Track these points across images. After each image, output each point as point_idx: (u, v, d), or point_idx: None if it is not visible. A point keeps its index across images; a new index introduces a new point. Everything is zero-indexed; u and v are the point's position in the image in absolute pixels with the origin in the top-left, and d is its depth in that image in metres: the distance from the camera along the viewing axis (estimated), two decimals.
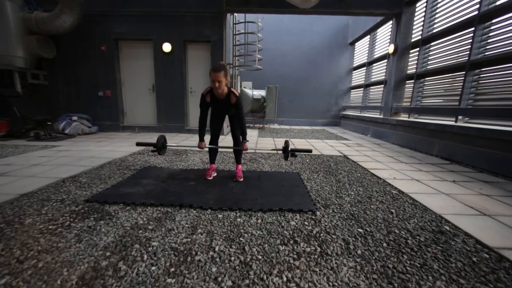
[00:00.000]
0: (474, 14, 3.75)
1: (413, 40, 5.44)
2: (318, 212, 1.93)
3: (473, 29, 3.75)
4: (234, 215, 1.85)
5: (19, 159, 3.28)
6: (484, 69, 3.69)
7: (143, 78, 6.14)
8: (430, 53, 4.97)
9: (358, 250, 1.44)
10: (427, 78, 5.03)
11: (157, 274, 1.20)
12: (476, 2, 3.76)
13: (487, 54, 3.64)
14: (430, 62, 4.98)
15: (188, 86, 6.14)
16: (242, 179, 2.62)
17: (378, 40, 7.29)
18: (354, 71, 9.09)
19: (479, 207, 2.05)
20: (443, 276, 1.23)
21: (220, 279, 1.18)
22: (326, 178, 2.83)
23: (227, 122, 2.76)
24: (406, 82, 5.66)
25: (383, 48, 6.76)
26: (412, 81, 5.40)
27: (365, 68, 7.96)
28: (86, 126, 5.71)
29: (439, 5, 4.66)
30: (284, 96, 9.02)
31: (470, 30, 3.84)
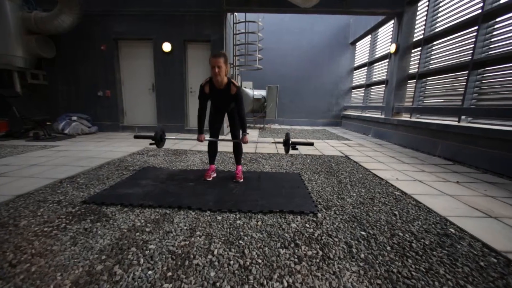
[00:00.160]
0: (477, 12, 3.70)
1: (415, 39, 5.39)
2: (319, 214, 1.89)
3: (476, 27, 3.70)
4: (234, 217, 1.81)
5: (17, 160, 3.24)
6: (487, 68, 3.63)
7: (143, 78, 6.11)
8: (432, 52, 4.91)
9: (361, 253, 1.39)
10: (429, 78, 4.97)
11: (153, 278, 1.16)
12: (479, 0, 3.70)
13: (491, 53, 3.58)
14: (432, 62, 4.92)
15: (188, 86, 6.10)
16: (242, 180, 2.58)
17: (379, 39, 7.24)
18: (355, 71, 9.03)
19: (485, 209, 2.00)
20: (450, 281, 1.19)
21: (218, 284, 1.14)
22: (327, 179, 2.78)
23: (227, 122, 2.71)
24: (408, 82, 5.61)
25: (385, 47, 6.71)
26: (414, 80, 5.35)
27: (366, 68, 7.90)
28: (85, 126, 5.68)
29: (442, 3, 4.61)
30: (284, 96, 8.98)
31: (473, 29, 3.79)
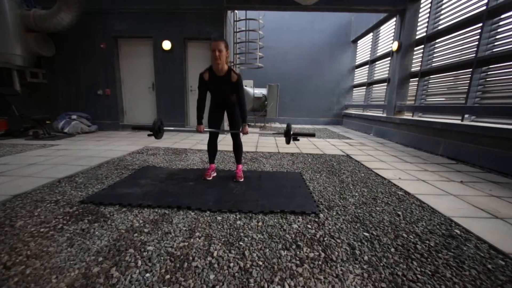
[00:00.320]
0: (482, 9, 3.64)
1: (417, 37, 5.32)
2: (321, 214, 1.85)
3: (480, 24, 3.64)
4: (234, 218, 1.77)
5: (16, 159, 3.22)
6: (492, 66, 3.58)
7: (143, 77, 6.07)
8: (435, 50, 4.85)
9: (365, 255, 1.36)
10: (432, 76, 4.91)
11: (151, 281, 1.13)
12: None
13: (495, 50, 3.52)
14: (435, 60, 4.86)
15: (188, 84, 6.07)
16: (242, 179, 2.54)
17: (381, 37, 7.16)
18: (356, 69, 8.96)
19: (490, 210, 1.96)
20: (457, 285, 1.15)
21: None
22: (329, 178, 2.74)
23: (226, 121, 2.67)
24: (410, 80, 5.55)
25: (387, 45, 6.64)
26: (416, 79, 5.29)
27: (367, 66, 7.84)
28: (85, 125, 5.65)
29: (445, 0, 4.54)
30: (285, 94, 8.92)
31: (477, 26, 3.72)
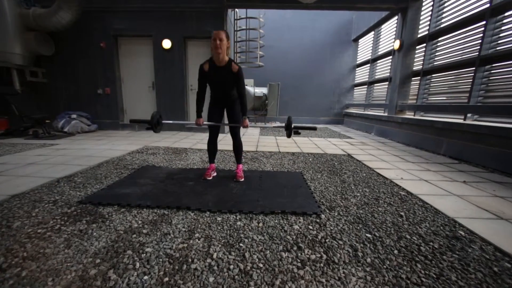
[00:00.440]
0: (485, 7, 3.59)
1: (419, 35, 5.27)
2: (323, 215, 1.82)
3: (484, 22, 3.59)
4: (234, 218, 1.75)
5: (15, 158, 3.20)
6: (495, 64, 3.53)
7: (143, 76, 6.05)
8: (438, 48, 4.80)
9: (368, 258, 1.33)
10: (434, 75, 4.87)
11: (149, 284, 1.10)
12: None
13: (499, 49, 3.48)
14: (437, 58, 4.81)
15: (188, 83, 6.03)
16: (242, 179, 2.52)
17: (382, 36, 7.11)
18: (357, 68, 8.90)
19: (495, 210, 1.93)
20: None
21: None
22: (330, 178, 2.71)
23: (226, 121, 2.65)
24: (412, 79, 5.50)
25: (388, 44, 6.59)
26: (418, 78, 5.24)
27: (369, 65, 7.79)
28: (85, 124, 5.63)
29: None
30: (286, 93, 8.88)
31: (481, 24, 3.68)
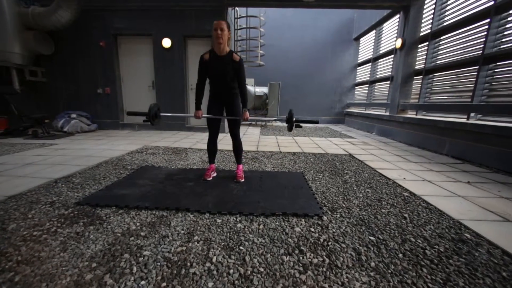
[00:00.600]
0: (489, 4, 3.53)
1: (421, 34, 5.21)
2: (325, 216, 1.78)
3: (488, 20, 3.54)
4: (234, 220, 1.71)
5: (13, 158, 3.17)
6: (499, 63, 3.48)
7: (143, 75, 6.01)
8: (440, 47, 4.74)
9: (371, 262, 1.29)
10: (436, 74, 4.81)
11: None
12: None
13: (503, 47, 3.42)
14: (439, 57, 4.76)
15: (188, 83, 6.00)
16: (243, 180, 2.48)
17: (384, 34, 7.05)
18: (358, 67, 8.84)
19: (501, 212, 1.88)
20: None
21: None
22: (332, 178, 2.68)
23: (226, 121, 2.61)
24: (414, 78, 5.45)
25: (390, 43, 6.53)
26: (420, 77, 5.19)
27: (370, 64, 7.73)
28: (85, 124, 5.61)
29: None
30: (286, 93, 8.83)
31: (485, 22, 3.62)
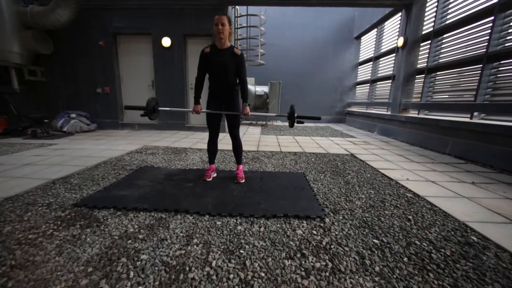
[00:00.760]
0: (494, 1, 3.47)
1: (424, 32, 5.16)
2: (327, 218, 1.74)
3: (492, 18, 3.48)
4: (234, 222, 1.68)
5: (12, 158, 3.14)
6: (503, 61, 3.42)
7: (143, 74, 5.97)
8: (443, 45, 4.69)
9: (376, 266, 1.25)
10: (439, 73, 4.76)
11: None
12: None
13: (508, 45, 3.37)
14: (442, 56, 4.70)
15: (188, 82, 5.95)
16: (243, 181, 2.44)
17: (385, 33, 6.98)
18: (360, 66, 8.78)
19: (507, 214, 1.84)
20: None
21: None
22: (333, 179, 2.63)
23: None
24: (416, 77, 5.39)
25: (391, 41, 6.48)
26: (422, 75, 5.13)
27: (371, 63, 7.67)
28: (84, 124, 5.57)
29: None
30: (287, 92, 8.77)
31: (489, 19, 3.57)
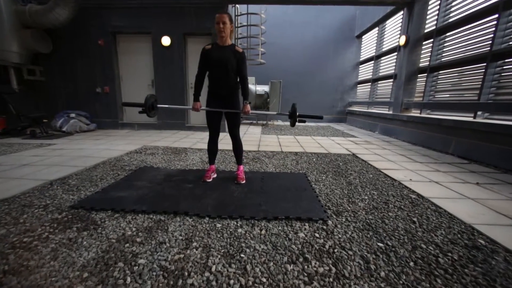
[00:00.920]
0: None
1: (426, 30, 5.10)
2: (329, 221, 1.70)
3: (496, 16, 3.43)
4: (235, 225, 1.64)
5: (10, 159, 3.11)
6: (508, 60, 3.37)
7: (142, 74, 5.93)
8: (446, 44, 4.63)
9: (381, 271, 1.21)
10: (441, 71, 4.71)
11: None
12: None
13: None
14: (445, 54, 4.65)
15: (188, 81, 5.91)
16: (244, 181, 2.40)
17: (387, 32, 6.92)
18: (361, 65, 8.72)
19: None
20: None
21: None
22: (335, 179, 2.59)
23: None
24: (418, 76, 5.34)
25: (393, 40, 6.42)
26: (424, 74, 5.08)
27: (373, 62, 7.61)
28: (84, 124, 5.54)
29: None
30: (288, 91, 8.72)
31: (493, 17, 3.51)
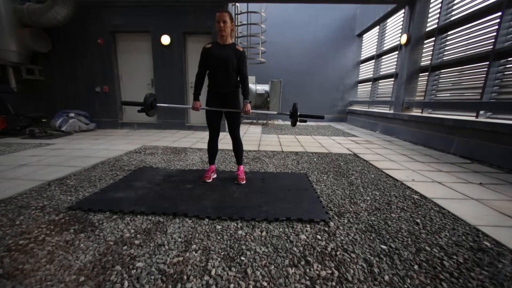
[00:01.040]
0: None
1: (428, 29, 5.06)
2: (331, 222, 1.67)
3: (499, 14, 3.39)
4: (235, 226, 1.61)
5: (8, 159, 3.08)
6: (511, 58, 3.33)
7: (142, 73, 5.89)
8: (447, 43, 4.60)
9: (385, 275, 1.18)
10: (443, 70, 4.67)
11: None
12: None
13: None
14: (446, 53, 4.61)
15: (188, 81, 5.87)
16: (244, 182, 2.37)
17: (388, 30, 6.88)
18: (361, 64, 8.68)
19: None
20: None
21: None
22: (337, 180, 2.56)
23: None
24: (420, 75, 5.30)
25: (394, 39, 6.37)
26: (426, 73, 5.04)
27: (373, 61, 7.57)
28: (83, 123, 5.51)
29: None
30: (288, 91, 8.68)
31: (496, 15, 3.48)
